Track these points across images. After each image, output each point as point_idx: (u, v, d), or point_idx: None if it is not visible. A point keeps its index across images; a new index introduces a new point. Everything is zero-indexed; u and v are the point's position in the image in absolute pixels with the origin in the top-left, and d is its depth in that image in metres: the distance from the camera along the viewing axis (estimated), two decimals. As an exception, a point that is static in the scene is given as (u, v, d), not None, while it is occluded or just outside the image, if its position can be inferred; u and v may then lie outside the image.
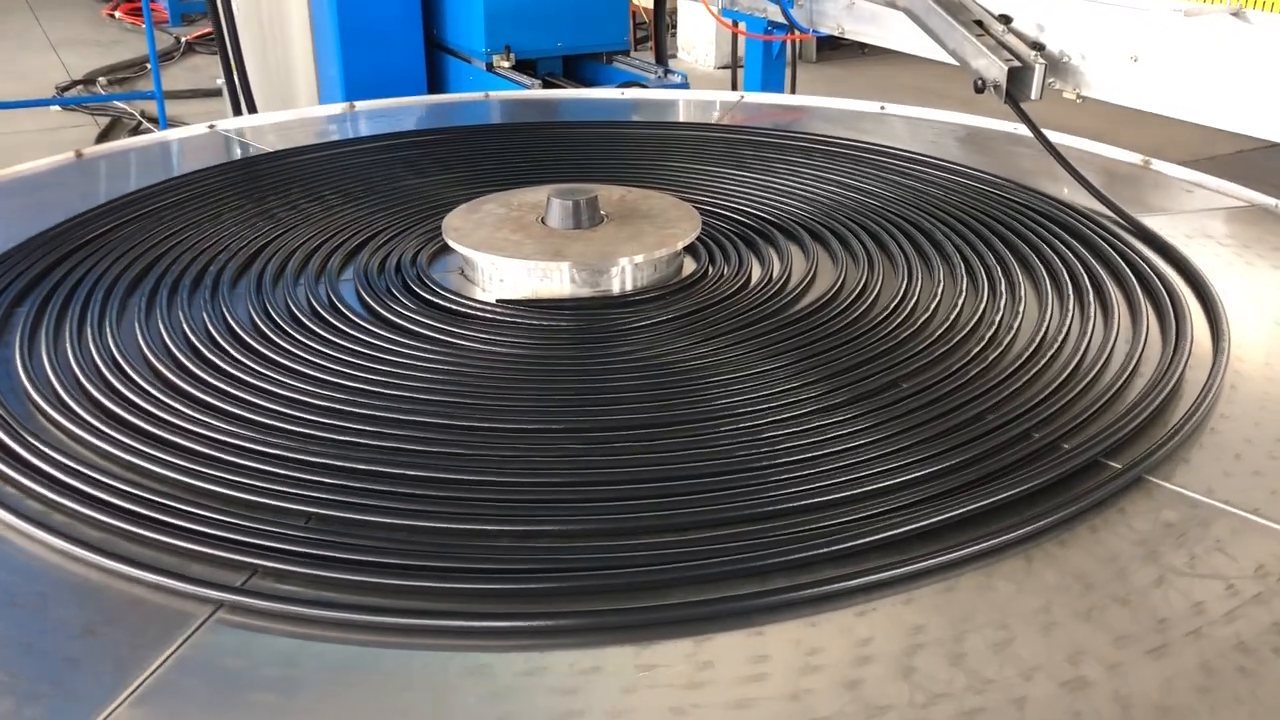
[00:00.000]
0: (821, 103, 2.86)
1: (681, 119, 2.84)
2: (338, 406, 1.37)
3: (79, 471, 1.22)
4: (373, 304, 1.70)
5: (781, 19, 3.16)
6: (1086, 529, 1.15)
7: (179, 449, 1.27)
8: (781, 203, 2.12)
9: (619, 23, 3.88)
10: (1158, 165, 2.37)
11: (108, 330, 1.57)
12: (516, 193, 1.97)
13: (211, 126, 2.65)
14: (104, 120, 6.70)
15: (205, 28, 9.02)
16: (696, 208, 1.94)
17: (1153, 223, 1.97)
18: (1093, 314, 1.62)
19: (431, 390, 1.42)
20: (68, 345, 1.53)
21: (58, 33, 9.33)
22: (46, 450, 1.26)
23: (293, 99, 4.24)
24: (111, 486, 1.20)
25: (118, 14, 9.88)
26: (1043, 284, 1.73)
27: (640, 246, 1.77)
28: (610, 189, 1.97)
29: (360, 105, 2.84)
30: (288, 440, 1.29)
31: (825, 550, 1.10)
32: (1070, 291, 1.69)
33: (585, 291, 1.76)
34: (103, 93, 7.38)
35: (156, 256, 1.84)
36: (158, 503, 1.17)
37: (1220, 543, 1.12)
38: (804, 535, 1.12)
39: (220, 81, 4.42)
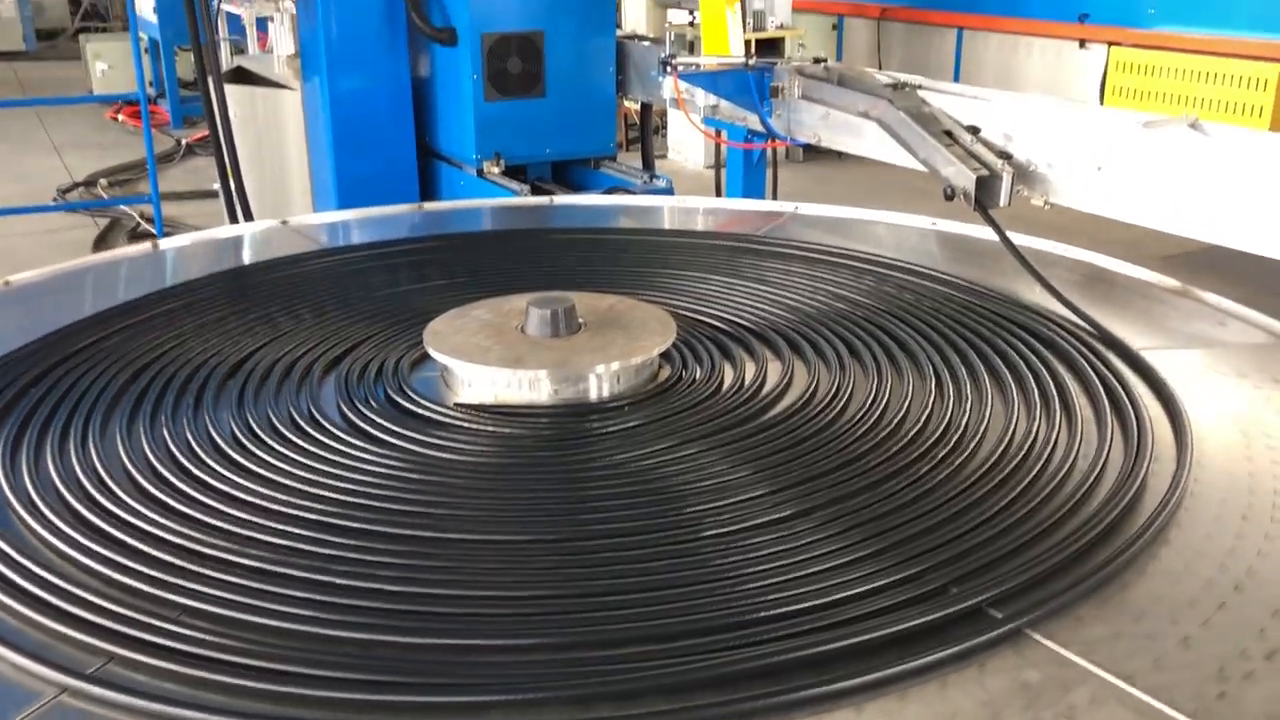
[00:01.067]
0: (799, 209, 2.94)
1: (665, 224, 2.90)
2: (316, 518, 1.40)
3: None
4: (351, 414, 1.73)
5: (761, 128, 3.26)
6: (937, 682, 1.10)
7: (132, 551, 1.30)
8: (757, 308, 2.17)
9: (606, 131, 3.99)
10: (1131, 270, 2.41)
11: (90, 441, 1.60)
12: (500, 300, 2.02)
13: (197, 229, 2.68)
14: (103, 221, 6.81)
15: (205, 130, 9.22)
16: (674, 313, 1.99)
17: (1126, 329, 1.99)
18: (1058, 423, 1.65)
19: (410, 500, 1.45)
20: (48, 455, 1.56)
21: (61, 135, 9.51)
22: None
23: (287, 204, 4.33)
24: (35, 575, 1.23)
25: (120, 117, 10.08)
26: (1009, 390, 1.77)
27: (614, 354, 1.82)
28: (590, 296, 2.02)
29: (352, 214, 2.90)
30: (262, 551, 1.31)
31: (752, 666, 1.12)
32: (1037, 399, 1.72)
33: (560, 399, 1.79)
34: (104, 195, 7.51)
35: (141, 367, 1.87)
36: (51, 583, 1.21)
37: (1072, 711, 1.06)
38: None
39: (216, 185, 4.52)
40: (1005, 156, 2.55)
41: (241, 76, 4.62)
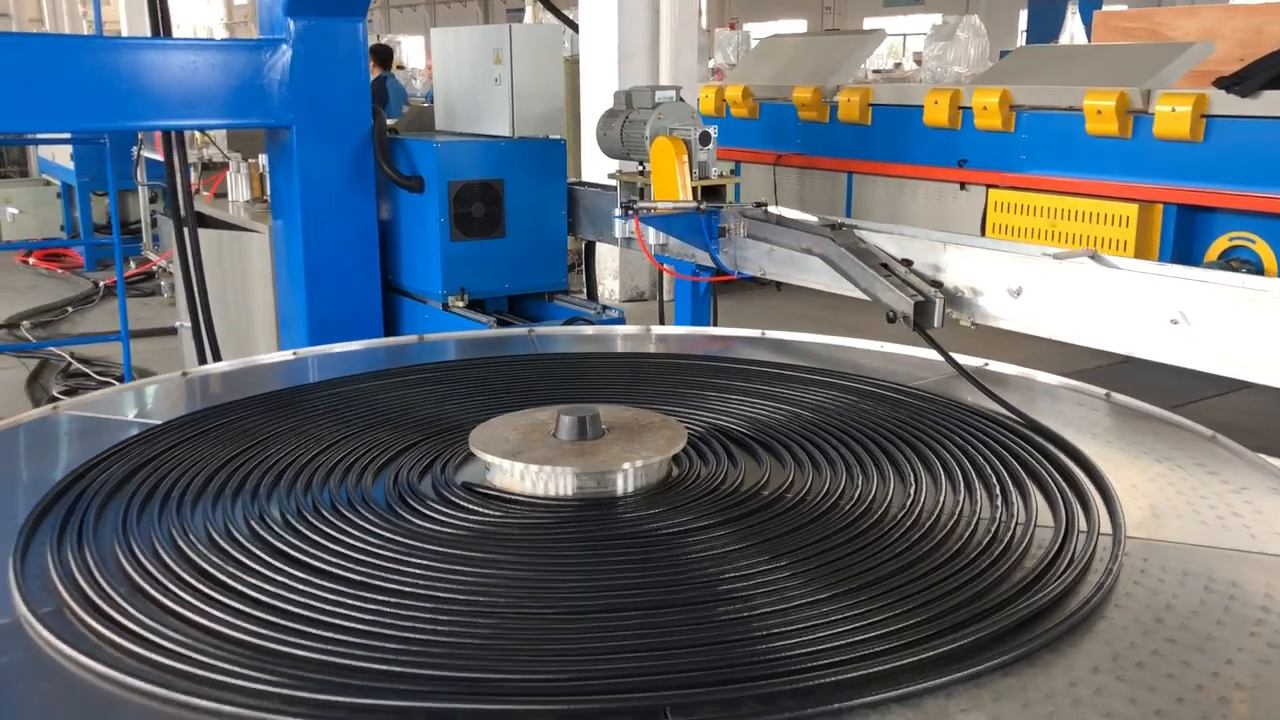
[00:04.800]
0: (748, 333, 3.30)
1: (621, 349, 3.22)
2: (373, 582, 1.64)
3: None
4: (408, 499, 1.98)
5: (710, 263, 3.65)
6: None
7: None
8: (733, 418, 2.48)
9: (559, 267, 4.34)
10: (1053, 379, 2.81)
11: (186, 527, 1.82)
12: (525, 413, 2.30)
13: (185, 374, 2.85)
14: (32, 363, 6.84)
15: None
16: (681, 421, 2.29)
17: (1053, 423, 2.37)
18: (1015, 504, 1.99)
19: (463, 569, 1.70)
20: (152, 533, 1.77)
21: (-30, 280, 9.49)
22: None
23: (250, 342, 4.54)
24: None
25: (31, 260, 10.11)
26: (966, 477, 2.11)
27: (640, 454, 2.11)
28: (608, 408, 2.31)
29: (339, 347, 3.13)
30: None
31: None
32: (995, 484, 2.06)
33: (587, 493, 2.07)
34: (29, 338, 7.53)
35: (214, 469, 2.10)
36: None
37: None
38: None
39: (182, 325, 4.71)
40: (936, 284, 2.96)
41: (199, 221, 4.86)
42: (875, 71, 16.39)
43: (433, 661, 1.42)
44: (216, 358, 4.23)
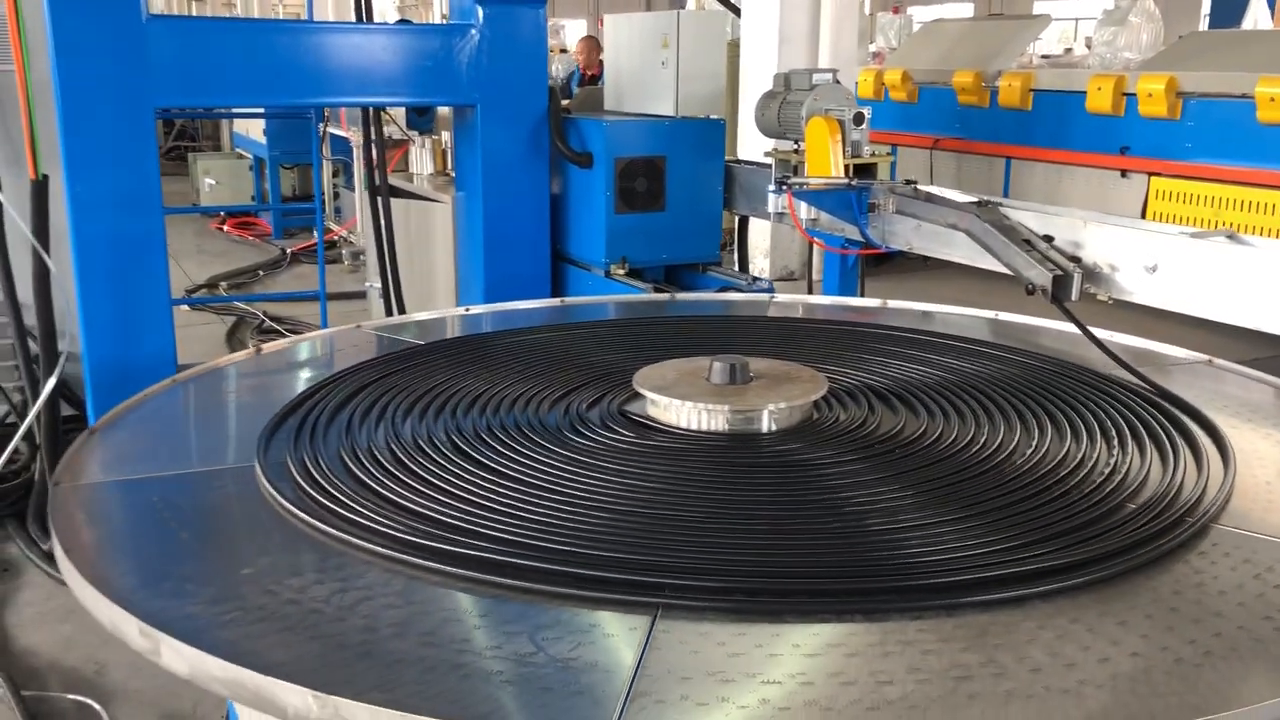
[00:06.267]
0: (892, 304, 3.51)
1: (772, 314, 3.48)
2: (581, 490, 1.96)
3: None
4: (594, 424, 2.31)
5: (860, 237, 3.86)
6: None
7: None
8: (873, 374, 2.71)
9: (714, 240, 4.61)
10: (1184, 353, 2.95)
11: (398, 433, 2.18)
12: (683, 361, 2.59)
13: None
14: (229, 319, 7.51)
15: (307, 240, 10.03)
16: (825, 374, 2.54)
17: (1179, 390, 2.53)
18: (1131, 452, 2.17)
19: (620, 488, 2.02)
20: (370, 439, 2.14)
21: (173, 245, 10.33)
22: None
23: (432, 300, 4.96)
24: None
25: (225, 228, 10.94)
26: (1091, 431, 2.29)
27: (784, 397, 2.37)
28: (757, 359, 2.58)
29: (504, 306, 3.48)
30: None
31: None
32: (1117, 436, 2.25)
33: (740, 429, 2.34)
34: (225, 294, 8.23)
35: (419, 395, 2.46)
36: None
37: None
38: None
39: (368, 285, 5.17)
40: (1075, 260, 3.11)
41: (390, 191, 5.30)
42: (1043, 57, 16.02)
43: (588, 544, 1.75)
44: (402, 312, 4.67)
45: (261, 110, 8.66)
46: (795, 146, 4.13)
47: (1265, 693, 1.41)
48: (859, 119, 3.95)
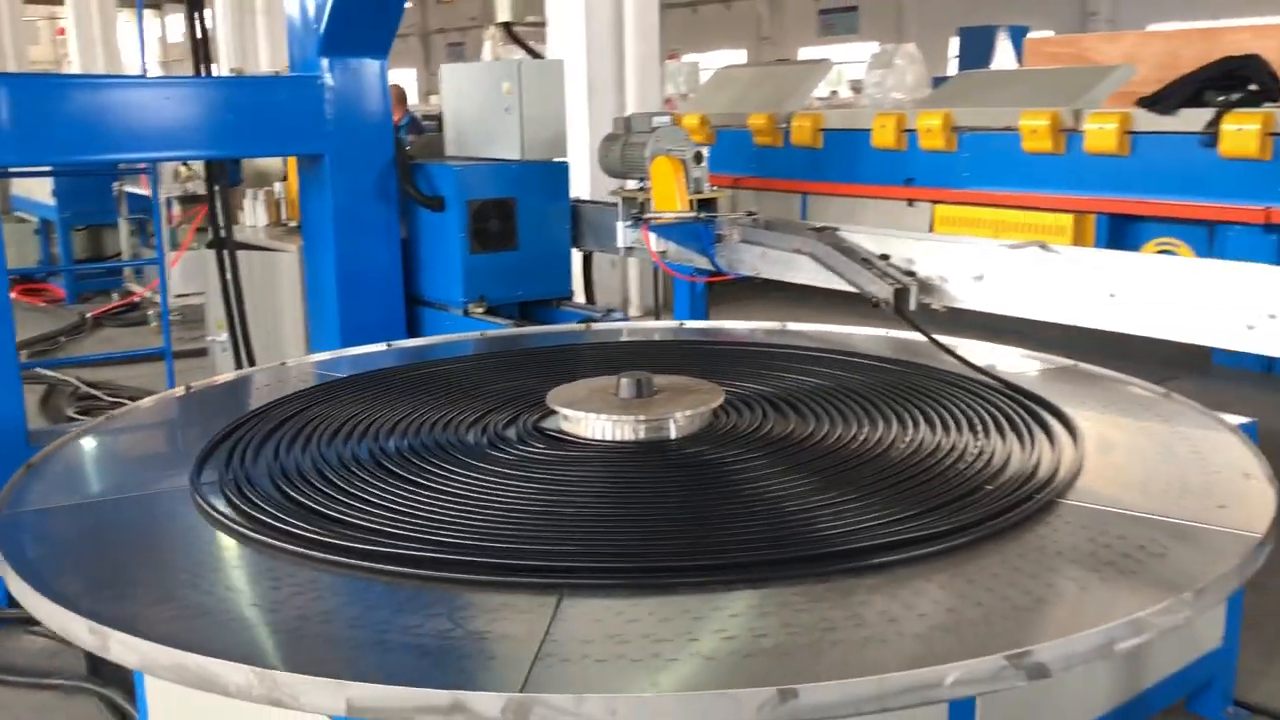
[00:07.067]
0: (755, 325, 3.81)
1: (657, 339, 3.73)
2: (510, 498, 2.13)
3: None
4: (514, 439, 2.47)
5: (709, 266, 4.15)
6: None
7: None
8: (761, 385, 2.98)
9: (565, 276, 4.83)
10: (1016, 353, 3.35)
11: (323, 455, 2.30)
12: (592, 380, 2.78)
13: (283, 364, 3.33)
14: (39, 388, 7.13)
15: (105, 304, 9.61)
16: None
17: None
18: (992, 436, 2.50)
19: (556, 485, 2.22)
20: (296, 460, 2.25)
21: (-46, 315, 9.69)
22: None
23: (281, 351, 4.95)
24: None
25: (13, 295, 10.31)
26: (945, 420, 2.62)
27: (687, 406, 2.59)
28: (658, 376, 2.79)
29: (400, 343, 3.61)
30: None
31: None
32: (978, 425, 2.57)
33: (648, 437, 2.55)
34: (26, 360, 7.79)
35: (340, 424, 2.56)
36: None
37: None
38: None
39: (210, 339, 5.11)
40: (911, 274, 3.48)
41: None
42: (819, 99, 17.05)
43: (503, 539, 1.95)
44: (252, 364, 4.65)
45: (49, 169, 8.31)
46: (641, 185, 4.39)
47: (1087, 626, 1.66)
48: (699, 158, 4.25)
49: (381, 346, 3.61)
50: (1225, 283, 2.87)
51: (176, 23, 36.76)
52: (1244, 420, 2.72)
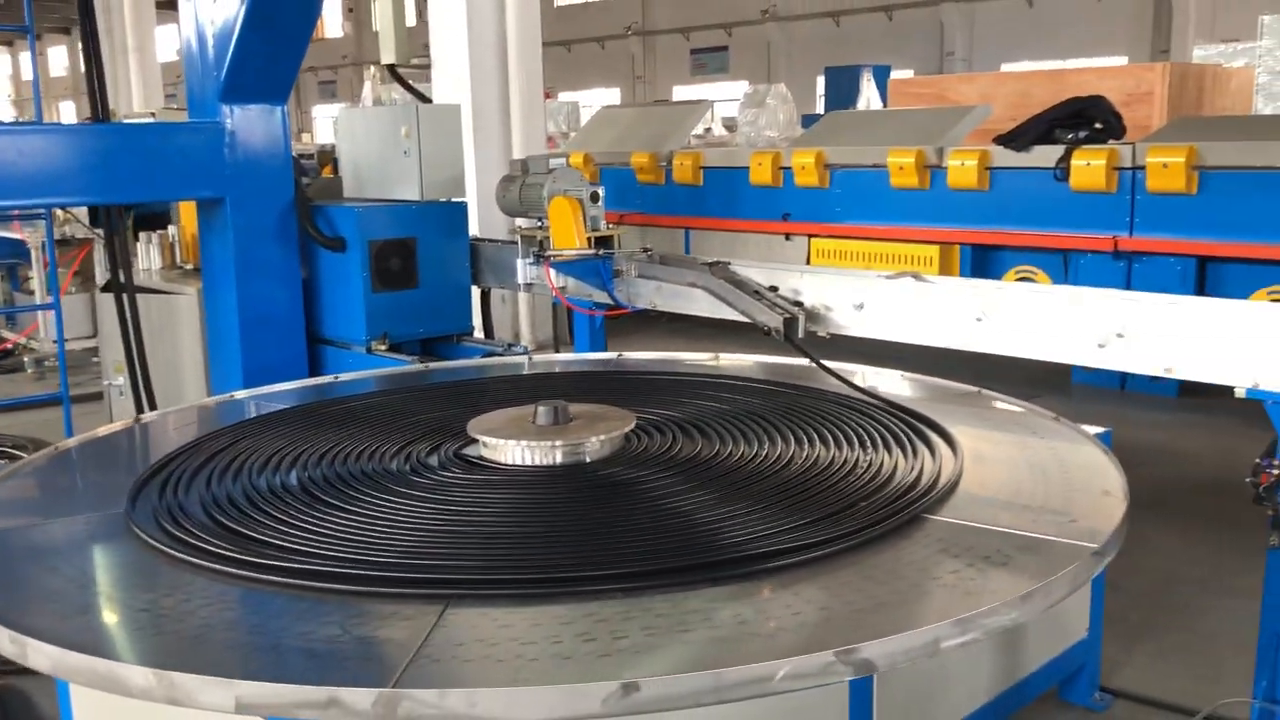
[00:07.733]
0: (655, 356, 4.02)
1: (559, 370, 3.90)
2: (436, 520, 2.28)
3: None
4: (435, 466, 2.62)
5: (608, 300, 4.35)
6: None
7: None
8: (667, 410, 3.18)
9: (465, 312, 4.96)
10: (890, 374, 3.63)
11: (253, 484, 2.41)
12: (509, 409, 2.94)
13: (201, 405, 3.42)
14: (-89, 439, 6.90)
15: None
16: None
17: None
18: (870, 449, 2.75)
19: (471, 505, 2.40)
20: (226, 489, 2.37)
21: None
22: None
23: (181, 393, 4.96)
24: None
25: None
26: (853, 441, 2.86)
27: (601, 431, 2.77)
28: (572, 404, 2.96)
29: (313, 380, 3.71)
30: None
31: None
32: (862, 440, 2.82)
33: (565, 460, 2.72)
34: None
35: (268, 456, 2.67)
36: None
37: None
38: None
39: (107, 383, 5.08)
40: (798, 304, 3.74)
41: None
42: (695, 136, 17.49)
43: (403, 555, 2.13)
44: (153, 408, 4.65)
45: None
46: (539, 224, 4.57)
47: (917, 626, 1.84)
48: (595, 197, 4.46)
49: (294, 384, 3.70)
50: (1079, 306, 3.19)
51: (26, 60, 35.66)
52: (1100, 430, 3.03)
